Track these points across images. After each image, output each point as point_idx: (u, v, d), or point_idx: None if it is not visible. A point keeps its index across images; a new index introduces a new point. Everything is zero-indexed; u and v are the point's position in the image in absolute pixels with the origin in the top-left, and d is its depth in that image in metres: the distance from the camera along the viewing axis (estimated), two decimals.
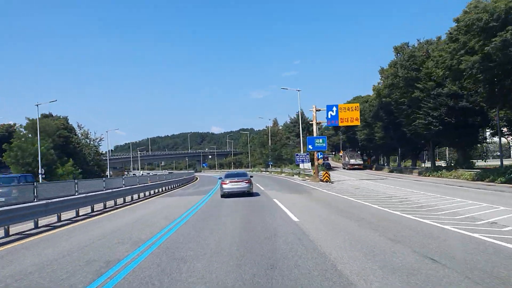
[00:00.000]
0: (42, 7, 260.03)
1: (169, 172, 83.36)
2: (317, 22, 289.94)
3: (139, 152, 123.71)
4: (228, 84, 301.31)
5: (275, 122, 68.79)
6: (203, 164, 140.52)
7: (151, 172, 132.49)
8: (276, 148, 61.92)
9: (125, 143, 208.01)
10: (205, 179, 55.52)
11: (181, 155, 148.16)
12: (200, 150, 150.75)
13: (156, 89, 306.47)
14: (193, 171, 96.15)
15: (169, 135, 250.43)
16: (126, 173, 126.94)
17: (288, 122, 71.32)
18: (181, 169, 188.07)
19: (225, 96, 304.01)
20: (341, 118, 32.39)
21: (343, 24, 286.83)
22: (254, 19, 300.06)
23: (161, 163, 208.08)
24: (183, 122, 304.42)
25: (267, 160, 61.74)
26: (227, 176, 20.91)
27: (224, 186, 19.48)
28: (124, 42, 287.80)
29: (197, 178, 59.16)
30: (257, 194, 20.77)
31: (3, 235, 9.80)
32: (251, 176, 21.50)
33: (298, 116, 55.71)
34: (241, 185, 19.33)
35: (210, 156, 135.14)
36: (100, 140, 71.16)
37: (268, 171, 61.67)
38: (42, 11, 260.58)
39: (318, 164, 33.43)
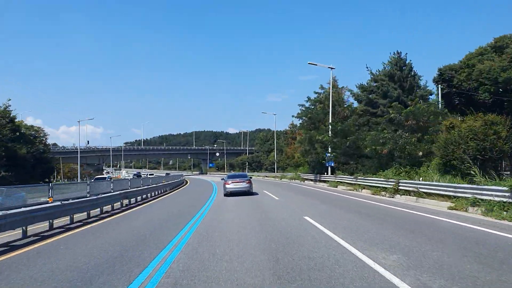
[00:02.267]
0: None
1: (166, 174, 68.22)
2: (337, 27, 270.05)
3: (122, 145, 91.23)
4: (244, 87, 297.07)
5: (335, 84, 34.32)
6: (210, 164, 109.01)
7: (137, 172, 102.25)
8: (347, 130, 27.31)
9: (135, 140, 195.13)
10: (194, 189, 30.89)
11: (181, 152, 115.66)
12: (206, 146, 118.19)
13: (173, 91, 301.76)
14: (181, 173, 69.05)
15: (182, 133, 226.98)
16: (106, 173, 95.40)
17: (366, 83, 35.15)
18: (184, 169, 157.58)
19: (242, 99, 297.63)
20: None
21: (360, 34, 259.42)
22: (273, 23, 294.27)
23: (169, 162, 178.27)
24: (199, 124, 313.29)
25: (321, 157, 29.61)
26: (230, 177, 21.98)
27: (226, 186, 20.54)
28: (144, 44, 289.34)
29: (186, 183, 40.77)
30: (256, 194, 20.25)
31: None
32: (251, 177, 22.81)
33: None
34: (242, 185, 20.39)
35: (218, 154, 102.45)
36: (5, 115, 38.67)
37: (326, 181, 28.47)
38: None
39: None
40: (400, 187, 16.43)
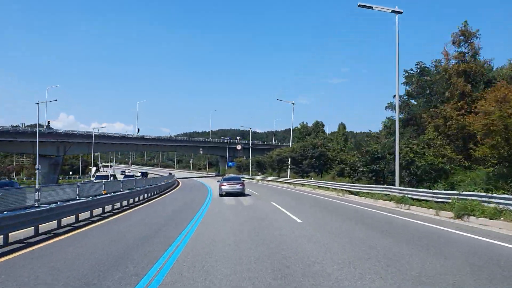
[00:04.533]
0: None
1: (169, 173, 54.45)
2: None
3: (93, 129, 59.19)
4: (273, 89, 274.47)
5: None
6: (229, 163, 77.38)
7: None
8: None
9: (158, 137, 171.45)
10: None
11: (190, 145, 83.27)
12: (224, 138, 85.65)
13: (201, 91, 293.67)
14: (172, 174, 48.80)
15: (207, 131, 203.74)
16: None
17: None
18: (199, 169, 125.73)
19: (269, 100, 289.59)
20: None
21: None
22: (298, 27, 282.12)
23: (189, 160, 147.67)
24: (227, 124, 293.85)
25: None
26: (225, 179, 24.52)
27: (222, 187, 22.82)
28: (177, 44, 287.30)
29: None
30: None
31: None
32: (244, 180, 26.10)
33: None
34: (236, 187, 22.83)
35: (239, 148, 69.92)
36: None
37: None
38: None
39: None
40: None
